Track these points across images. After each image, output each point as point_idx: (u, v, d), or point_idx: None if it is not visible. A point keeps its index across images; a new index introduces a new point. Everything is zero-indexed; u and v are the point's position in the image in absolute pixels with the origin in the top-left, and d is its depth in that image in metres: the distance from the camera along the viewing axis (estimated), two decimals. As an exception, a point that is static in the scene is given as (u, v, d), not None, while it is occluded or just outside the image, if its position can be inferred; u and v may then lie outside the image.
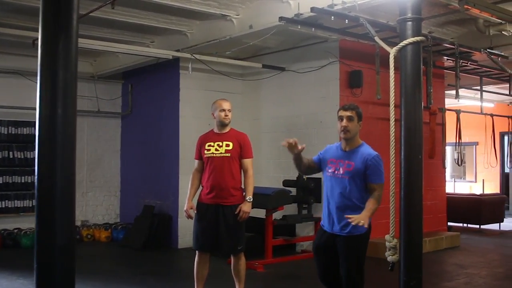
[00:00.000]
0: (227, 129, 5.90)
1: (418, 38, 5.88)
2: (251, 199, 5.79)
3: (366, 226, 4.43)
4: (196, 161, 6.06)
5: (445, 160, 10.62)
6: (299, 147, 4.65)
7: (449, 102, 12.33)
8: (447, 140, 11.03)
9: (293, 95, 9.86)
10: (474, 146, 16.60)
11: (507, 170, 16.29)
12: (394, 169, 4.79)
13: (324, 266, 4.82)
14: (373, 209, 4.59)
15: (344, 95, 9.12)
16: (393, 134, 5.75)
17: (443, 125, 10.51)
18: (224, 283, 6.74)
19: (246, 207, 5.74)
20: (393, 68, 6.03)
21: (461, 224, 12.82)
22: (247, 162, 5.88)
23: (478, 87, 11.71)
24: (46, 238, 3.28)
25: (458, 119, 11.00)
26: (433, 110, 9.75)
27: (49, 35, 3.14)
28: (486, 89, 12.39)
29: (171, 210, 10.09)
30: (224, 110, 5.81)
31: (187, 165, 9.77)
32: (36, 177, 3.15)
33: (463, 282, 7.36)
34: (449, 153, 13.98)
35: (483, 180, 16.15)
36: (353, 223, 4.41)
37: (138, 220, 10.37)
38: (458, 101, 10.23)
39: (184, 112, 10.06)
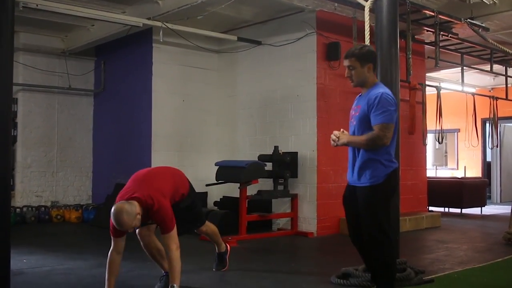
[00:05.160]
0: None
1: (394, -14, 5.65)
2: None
3: (334, 144, 4.34)
4: (114, 239, 4.47)
5: (425, 137, 10.36)
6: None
7: (430, 90, 12.04)
8: (428, 128, 10.68)
9: (270, 69, 9.53)
10: (456, 133, 16.42)
11: (488, 158, 16.14)
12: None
13: (350, 220, 4.50)
14: (356, 141, 4.28)
15: (321, 67, 8.83)
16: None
17: (423, 102, 10.24)
18: (200, 260, 6.57)
19: None
20: (368, 21, 5.81)
21: (442, 209, 12.57)
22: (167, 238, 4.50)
23: (459, 68, 11.50)
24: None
25: (438, 96, 10.73)
26: (413, 85, 9.50)
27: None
28: (467, 71, 12.17)
29: (143, 188, 9.71)
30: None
31: (160, 142, 9.46)
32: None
33: (443, 254, 7.11)
34: (431, 140, 13.75)
35: (464, 166, 15.98)
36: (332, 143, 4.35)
37: (110, 199, 10.00)
38: (439, 71, 9.96)
39: (157, 87, 9.69)
